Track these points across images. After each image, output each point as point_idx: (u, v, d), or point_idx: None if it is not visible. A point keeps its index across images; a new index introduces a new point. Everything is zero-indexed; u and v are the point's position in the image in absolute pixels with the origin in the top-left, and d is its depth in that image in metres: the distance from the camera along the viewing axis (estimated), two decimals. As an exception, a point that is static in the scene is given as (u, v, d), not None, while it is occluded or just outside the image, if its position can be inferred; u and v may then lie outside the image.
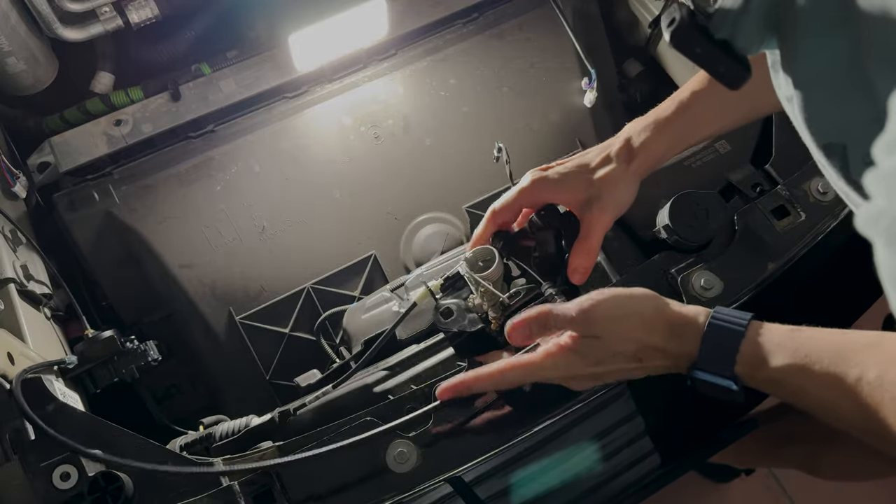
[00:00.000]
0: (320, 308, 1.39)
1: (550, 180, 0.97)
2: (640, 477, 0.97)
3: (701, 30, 0.60)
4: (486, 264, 0.96)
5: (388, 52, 1.50)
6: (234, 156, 1.42)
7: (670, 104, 0.97)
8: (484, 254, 0.96)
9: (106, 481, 0.83)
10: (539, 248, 0.97)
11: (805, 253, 0.99)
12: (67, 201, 1.35)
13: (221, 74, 1.44)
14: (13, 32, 1.22)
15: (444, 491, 0.88)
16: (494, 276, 0.94)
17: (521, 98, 1.53)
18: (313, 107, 1.46)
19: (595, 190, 0.96)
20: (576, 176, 0.97)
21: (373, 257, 1.43)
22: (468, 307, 0.97)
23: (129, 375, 1.13)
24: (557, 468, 0.93)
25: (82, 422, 0.90)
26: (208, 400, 1.45)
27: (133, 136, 1.39)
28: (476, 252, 0.97)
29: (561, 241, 0.97)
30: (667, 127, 0.96)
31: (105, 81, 1.43)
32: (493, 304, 0.94)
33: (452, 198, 1.48)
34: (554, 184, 0.97)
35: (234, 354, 1.37)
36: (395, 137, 1.49)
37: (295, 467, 0.86)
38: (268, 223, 1.41)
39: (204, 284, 1.37)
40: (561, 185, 0.97)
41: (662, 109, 0.98)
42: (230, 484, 0.86)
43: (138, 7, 1.29)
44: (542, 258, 0.97)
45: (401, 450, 0.88)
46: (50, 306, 1.25)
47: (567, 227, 0.97)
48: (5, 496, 0.85)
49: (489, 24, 1.53)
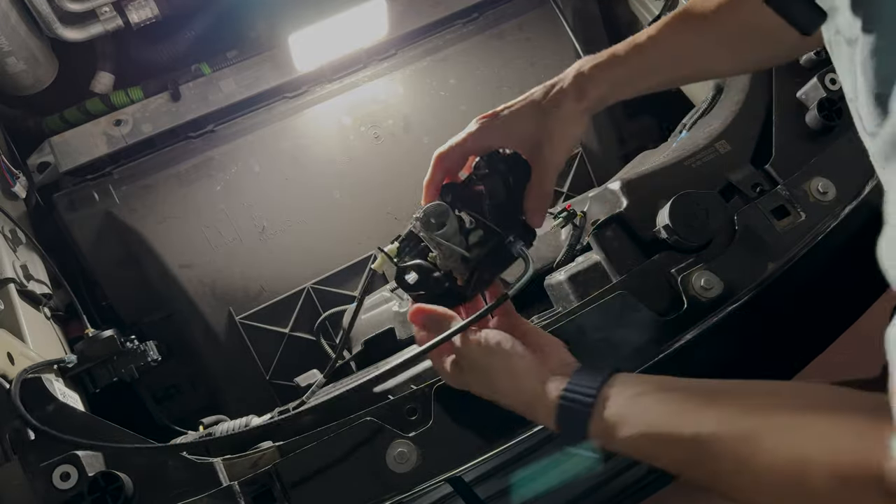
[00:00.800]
0: (320, 308, 1.38)
1: (498, 123, 0.93)
2: (639, 478, 0.97)
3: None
4: (438, 220, 0.91)
5: (388, 52, 1.50)
6: (234, 156, 1.42)
7: (625, 45, 0.94)
8: (435, 210, 0.92)
9: (106, 481, 0.83)
10: (489, 195, 0.92)
11: (805, 253, 0.99)
12: (67, 201, 1.35)
13: (221, 74, 1.44)
14: (13, 32, 1.22)
15: (444, 491, 0.88)
16: (450, 233, 0.91)
17: (521, 98, 1.53)
18: (313, 107, 1.46)
19: (546, 131, 0.92)
20: (526, 117, 0.93)
21: (373, 257, 1.43)
22: (430, 266, 0.93)
23: (128, 375, 1.13)
24: (557, 468, 0.93)
25: (82, 421, 0.90)
26: (208, 400, 1.45)
27: (133, 136, 1.39)
28: (427, 210, 0.92)
29: (510, 185, 0.93)
30: (618, 65, 0.93)
31: (105, 81, 1.43)
32: (453, 259, 0.91)
33: (452, 198, 1.48)
34: (503, 126, 0.93)
35: (234, 354, 1.37)
36: (395, 137, 1.49)
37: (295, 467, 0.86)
38: (268, 223, 1.41)
39: (204, 284, 1.37)
40: (510, 128, 0.93)
41: (616, 49, 0.94)
42: (230, 484, 0.86)
43: (138, 7, 1.29)
44: (494, 205, 0.93)
45: (401, 450, 0.88)
46: (50, 306, 1.25)
47: (515, 170, 0.93)
48: (5, 496, 0.85)
49: (489, 24, 1.53)
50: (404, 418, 0.92)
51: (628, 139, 1.64)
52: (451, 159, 0.95)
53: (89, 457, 0.85)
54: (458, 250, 0.90)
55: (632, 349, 0.96)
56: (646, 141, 1.62)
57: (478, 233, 0.92)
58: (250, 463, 0.91)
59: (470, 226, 0.93)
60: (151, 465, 0.87)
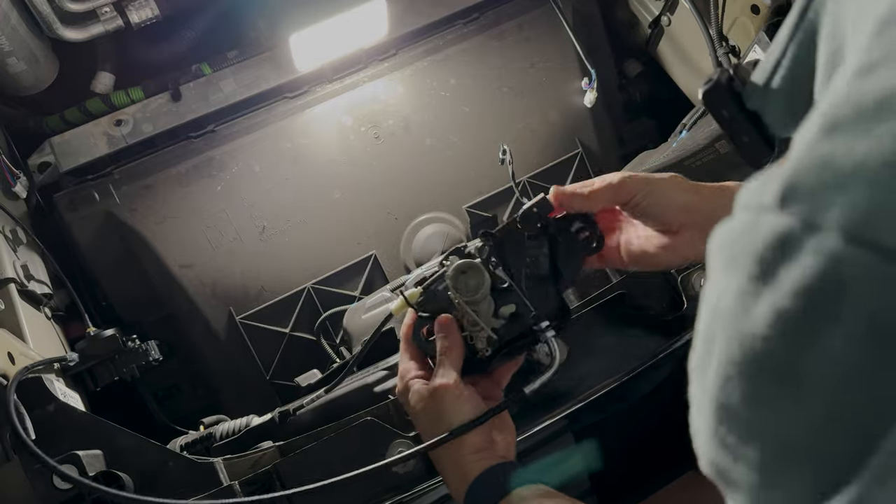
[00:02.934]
0: (320, 308, 1.39)
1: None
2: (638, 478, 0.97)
3: (734, 95, 0.59)
4: (472, 285, 0.81)
5: (389, 52, 1.50)
6: (235, 156, 1.42)
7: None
8: (469, 269, 0.82)
9: (107, 481, 0.83)
10: (531, 265, 0.82)
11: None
12: (68, 201, 1.35)
13: (222, 74, 1.44)
14: (14, 32, 1.22)
15: (444, 491, 0.88)
16: (480, 299, 0.82)
17: (521, 98, 1.53)
18: (314, 107, 1.46)
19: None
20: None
21: (373, 257, 1.43)
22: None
23: (129, 375, 1.13)
24: (557, 468, 0.93)
25: (82, 421, 0.90)
26: (208, 400, 1.45)
27: (133, 136, 1.39)
28: (461, 266, 0.82)
29: (556, 258, 0.82)
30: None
31: (105, 81, 1.43)
32: (477, 329, 0.83)
33: (453, 198, 1.49)
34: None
35: (235, 354, 1.37)
36: (395, 137, 1.49)
37: (295, 467, 0.86)
38: (268, 223, 1.41)
39: (204, 284, 1.37)
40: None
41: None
42: (230, 483, 0.86)
43: (139, 7, 1.29)
44: (533, 275, 0.83)
45: (401, 450, 0.88)
46: (50, 306, 1.25)
47: (580, 243, 0.82)
48: (5, 496, 0.85)
49: (489, 24, 1.53)
50: (404, 418, 0.92)
51: (628, 139, 1.64)
52: (568, 202, 0.83)
53: (90, 456, 0.85)
54: (485, 327, 0.82)
55: (632, 349, 0.96)
56: (646, 141, 1.63)
57: (510, 307, 0.82)
58: (250, 463, 0.91)
59: (502, 285, 0.83)
60: (152, 464, 0.87)
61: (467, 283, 0.82)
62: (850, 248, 0.27)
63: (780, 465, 0.30)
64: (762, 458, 0.30)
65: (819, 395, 0.28)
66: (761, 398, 0.30)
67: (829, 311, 0.27)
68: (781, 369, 0.29)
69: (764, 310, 0.29)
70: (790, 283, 0.28)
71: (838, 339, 0.27)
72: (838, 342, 0.27)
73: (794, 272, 0.28)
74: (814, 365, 0.28)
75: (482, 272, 0.82)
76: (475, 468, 0.78)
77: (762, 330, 0.29)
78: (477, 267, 0.82)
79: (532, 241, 0.82)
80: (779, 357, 0.29)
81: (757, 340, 0.30)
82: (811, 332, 0.28)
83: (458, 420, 0.79)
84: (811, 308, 0.28)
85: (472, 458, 0.79)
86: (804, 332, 0.28)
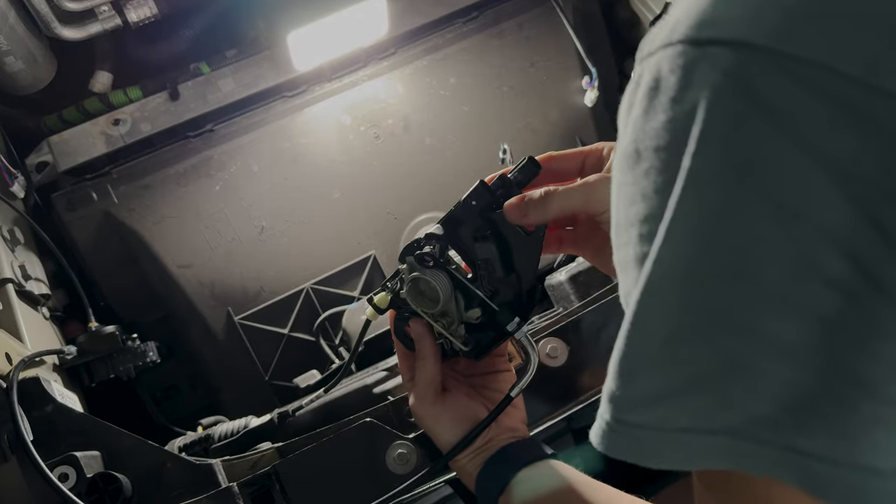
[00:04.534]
0: (320, 308, 1.38)
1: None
2: (638, 479, 0.96)
3: None
4: (430, 297, 0.79)
5: (388, 51, 1.50)
6: (233, 155, 1.41)
7: None
8: (422, 284, 0.80)
9: (104, 482, 0.83)
10: (485, 267, 0.80)
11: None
12: (66, 201, 1.34)
13: (220, 73, 1.43)
14: (11, 32, 1.22)
15: (445, 493, 0.88)
16: (440, 311, 0.79)
17: (522, 97, 1.53)
18: (312, 106, 1.45)
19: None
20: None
21: (372, 257, 1.43)
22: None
23: (125, 373, 1.13)
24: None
25: (81, 422, 0.89)
26: (207, 400, 1.44)
27: (131, 135, 1.38)
28: (413, 285, 0.80)
29: (510, 256, 0.79)
30: None
31: (103, 81, 1.43)
32: (451, 335, 0.80)
33: (452, 197, 1.46)
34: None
35: (233, 355, 1.36)
36: (395, 137, 1.48)
37: (295, 468, 0.86)
38: (267, 223, 1.41)
39: (203, 284, 1.37)
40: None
41: None
42: (229, 485, 0.86)
43: (137, 6, 1.28)
44: (493, 277, 0.80)
45: (401, 451, 0.87)
46: (48, 306, 1.24)
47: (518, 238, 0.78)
48: (4, 496, 0.84)
49: (489, 23, 1.53)
50: (404, 419, 0.92)
51: (628, 139, 1.64)
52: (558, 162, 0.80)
53: (88, 457, 0.84)
54: (454, 340, 0.80)
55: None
56: (646, 140, 1.62)
57: (476, 311, 0.79)
58: (249, 464, 0.90)
59: (467, 277, 0.79)
60: (150, 465, 0.87)
61: (424, 299, 0.80)
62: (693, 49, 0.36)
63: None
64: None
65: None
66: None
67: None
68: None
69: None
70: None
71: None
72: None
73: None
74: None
75: (434, 286, 0.79)
76: (474, 465, 0.80)
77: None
78: (426, 281, 0.79)
79: (480, 243, 0.80)
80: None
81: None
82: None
83: (444, 439, 0.81)
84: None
85: (472, 457, 0.80)
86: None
